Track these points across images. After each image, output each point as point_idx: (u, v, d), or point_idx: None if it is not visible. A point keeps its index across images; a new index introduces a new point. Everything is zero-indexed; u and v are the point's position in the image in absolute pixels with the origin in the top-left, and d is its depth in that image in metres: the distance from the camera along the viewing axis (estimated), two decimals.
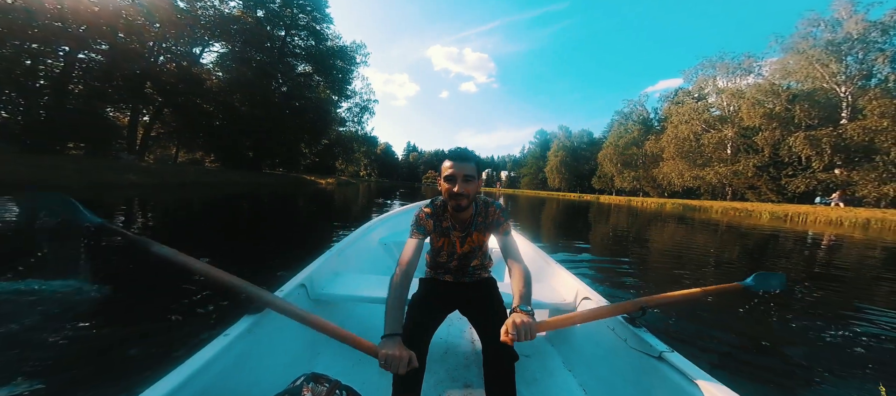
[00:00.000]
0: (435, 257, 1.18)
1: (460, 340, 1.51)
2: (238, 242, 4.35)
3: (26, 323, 1.67)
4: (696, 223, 12.10)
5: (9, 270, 2.26)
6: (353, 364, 1.26)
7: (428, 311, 1.04)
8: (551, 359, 1.38)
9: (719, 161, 31.09)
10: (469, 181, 1.01)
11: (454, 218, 1.10)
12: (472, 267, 1.17)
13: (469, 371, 1.28)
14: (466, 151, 1.03)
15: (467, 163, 1.01)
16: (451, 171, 1.00)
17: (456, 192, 0.99)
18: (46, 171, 9.92)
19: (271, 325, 1.00)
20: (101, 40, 16.58)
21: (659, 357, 0.89)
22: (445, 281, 1.17)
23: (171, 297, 2.00)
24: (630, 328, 1.02)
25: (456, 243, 1.12)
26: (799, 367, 1.79)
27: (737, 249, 6.34)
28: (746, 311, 2.70)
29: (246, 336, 0.89)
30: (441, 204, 1.12)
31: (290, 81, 27.81)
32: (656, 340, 0.94)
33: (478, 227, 1.11)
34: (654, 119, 46.27)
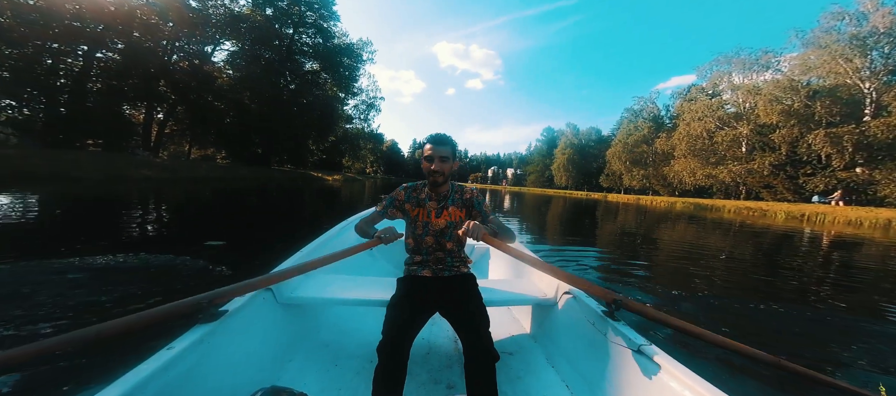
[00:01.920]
0: (413, 232, 1.22)
1: (442, 341, 1.47)
2: (246, 231, 4.45)
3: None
4: (708, 222, 11.82)
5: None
6: (327, 368, 1.20)
7: (408, 313, 1.02)
8: (534, 356, 1.36)
9: (733, 159, 30.16)
10: (445, 161, 1.16)
11: (432, 190, 1.23)
12: (450, 254, 1.20)
13: (452, 372, 1.26)
14: (444, 136, 1.19)
15: (444, 147, 1.16)
16: (430, 152, 1.16)
17: (433, 169, 1.15)
18: (66, 166, 10.31)
19: (231, 333, 0.89)
20: (117, 39, 17.06)
21: (638, 350, 0.89)
22: (424, 276, 1.17)
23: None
24: (608, 321, 1.02)
25: (432, 213, 1.21)
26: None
27: (749, 248, 6.17)
28: (738, 311, 2.64)
29: (197, 347, 0.78)
30: (420, 182, 1.28)
31: (298, 79, 28.12)
32: (634, 334, 0.94)
33: (455, 202, 1.24)
34: (665, 116, 45.18)
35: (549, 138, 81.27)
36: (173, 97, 20.93)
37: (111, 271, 2.47)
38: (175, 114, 22.47)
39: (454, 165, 1.19)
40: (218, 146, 26.33)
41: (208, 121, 22.45)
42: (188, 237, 4.11)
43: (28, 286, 2.09)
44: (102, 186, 8.94)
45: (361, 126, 38.69)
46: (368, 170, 68.64)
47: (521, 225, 7.79)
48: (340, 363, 1.24)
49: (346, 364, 1.23)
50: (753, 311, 2.64)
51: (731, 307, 2.72)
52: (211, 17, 21.62)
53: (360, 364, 1.23)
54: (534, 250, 1.95)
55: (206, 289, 0.86)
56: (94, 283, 2.22)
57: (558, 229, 7.68)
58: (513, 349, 1.39)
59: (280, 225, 5.41)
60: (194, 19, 20.07)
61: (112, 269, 2.50)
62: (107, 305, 1.91)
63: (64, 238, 3.62)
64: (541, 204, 17.56)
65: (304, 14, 26.69)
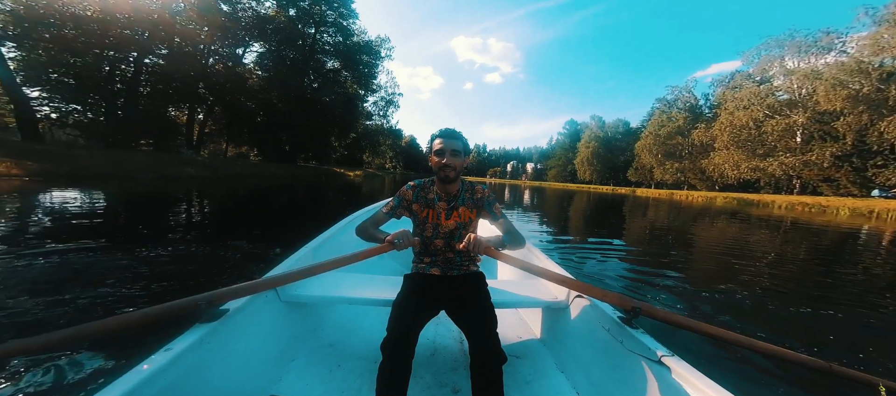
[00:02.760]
0: (421, 233, 1.17)
1: (448, 341, 1.43)
2: (280, 225, 4.72)
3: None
4: (753, 220, 10.74)
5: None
6: (330, 369, 1.17)
7: (414, 310, 0.99)
8: (543, 360, 1.31)
9: (786, 150, 27.11)
10: (456, 155, 1.10)
11: (441, 189, 1.16)
12: (459, 256, 1.16)
13: (457, 374, 1.22)
14: (454, 131, 1.13)
15: (455, 141, 1.11)
16: (441, 146, 1.10)
17: (444, 163, 1.09)
18: (124, 165, 11.51)
19: (232, 332, 0.87)
20: (161, 45, 18.63)
21: (658, 361, 0.82)
22: (432, 274, 1.14)
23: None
24: (626, 329, 0.95)
25: (441, 214, 1.15)
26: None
27: (803, 249, 5.53)
28: (785, 316, 2.36)
29: (197, 347, 0.75)
30: (428, 180, 1.21)
31: (320, 78, 29.10)
32: (655, 343, 0.87)
33: (465, 202, 1.18)
34: (703, 106, 41.91)
35: (572, 131, 78.20)
36: (211, 99, 22.57)
37: (174, 259, 2.71)
38: (213, 114, 24.24)
39: (466, 161, 1.13)
40: (250, 144, 28.13)
41: (241, 120, 24.00)
42: (233, 231, 4.43)
43: (99, 269, 2.36)
44: (154, 184, 9.89)
45: (380, 122, 39.40)
46: (388, 165, 70.05)
47: (542, 221, 7.57)
48: (344, 364, 1.21)
49: (349, 366, 1.20)
50: (805, 316, 2.37)
51: (777, 311, 2.46)
52: (240, 20, 22.87)
53: (364, 366, 1.20)
54: (549, 247, 1.86)
55: (210, 288, 0.86)
56: (148, 272, 2.45)
57: (580, 226, 7.36)
58: (521, 352, 1.35)
59: (308, 219, 5.68)
60: (226, 23, 21.34)
61: (174, 258, 2.75)
62: (156, 291, 2.10)
63: (130, 229, 4.03)
64: (563, 200, 16.94)
65: (324, 13, 27.43)
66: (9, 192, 6.06)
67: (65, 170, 9.39)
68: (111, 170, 10.66)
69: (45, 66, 14.51)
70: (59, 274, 2.23)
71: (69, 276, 2.20)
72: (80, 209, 5.04)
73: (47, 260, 2.49)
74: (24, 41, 13.61)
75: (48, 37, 13.78)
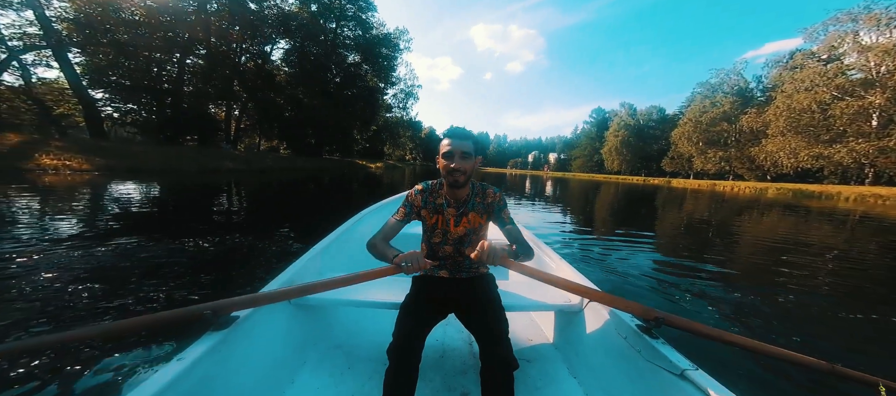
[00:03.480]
0: (429, 240, 1.14)
1: (458, 343, 1.40)
2: (311, 215, 4.99)
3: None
4: (812, 213, 9.55)
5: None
6: (341, 371, 1.18)
7: (421, 314, 0.97)
8: (555, 365, 1.26)
9: (858, 135, 23.58)
10: (466, 158, 1.02)
11: (450, 194, 1.09)
12: (468, 258, 1.10)
13: (466, 378, 1.20)
14: (464, 130, 1.05)
15: (465, 142, 1.03)
16: (450, 148, 1.02)
17: (453, 168, 1.01)
18: (173, 160, 12.71)
19: (243, 338, 0.88)
20: (199, 46, 20.05)
21: (681, 374, 0.77)
22: (440, 277, 1.12)
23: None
24: (645, 338, 0.90)
25: (450, 221, 1.10)
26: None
27: (874, 246, 4.82)
28: (846, 324, 2.07)
29: (209, 356, 0.76)
30: (436, 182, 1.14)
31: (342, 72, 29.79)
32: (678, 355, 0.82)
33: (475, 207, 1.11)
34: (755, 89, 37.39)
35: (600, 119, 73.88)
36: (245, 95, 24.04)
37: (221, 249, 2.98)
38: (247, 110, 25.86)
39: (477, 162, 1.06)
40: (280, 138, 29.74)
41: (272, 116, 25.38)
42: (271, 221, 4.75)
43: (153, 259, 2.65)
44: (198, 177, 10.84)
45: (400, 115, 39.72)
46: (408, 156, 70.97)
47: (564, 212, 7.29)
48: (354, 365, 1.22)
49: (359, 367, 1.21)
50: (867, 326, 2.07)
51: (837, 319, 2.19)
52: (266, 18, 23.88)
53: (374, 367, 1.21)
54: (569, 240, 1.75)
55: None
56: (195, 262, 2.70)
57: (605, 219, 7.00)
58: (532, 356, 1.31)
59: (335, 209, 5.95)
60: (254, 21, 22.40)
61: (220, 248, 3.03)
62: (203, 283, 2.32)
63: (182, 219, 4.47)
64: (588, 191, 16.17)
65: (344, 7, 27.81)
66: (82, 185, 6.95)
67: (125, 166, 10.57)
68: (162, 165, 11.82)
69: (105, 69, 16.25)
70: (114, 262, 2.46)
71: (124, 266, 2.43)
72: (138, 201, 5.67)
73: (106, 248, 2.77)
74: (86, 47, 15.27)
75: (106, 42, 15.34)
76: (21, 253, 2.54)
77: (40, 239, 2.93)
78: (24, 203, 4.64)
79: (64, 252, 2.61)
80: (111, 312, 1.73)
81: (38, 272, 2.20)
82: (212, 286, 2.13)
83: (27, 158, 8.68)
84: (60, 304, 1.79)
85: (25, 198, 4.97)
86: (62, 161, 9.15)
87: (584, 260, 3.36)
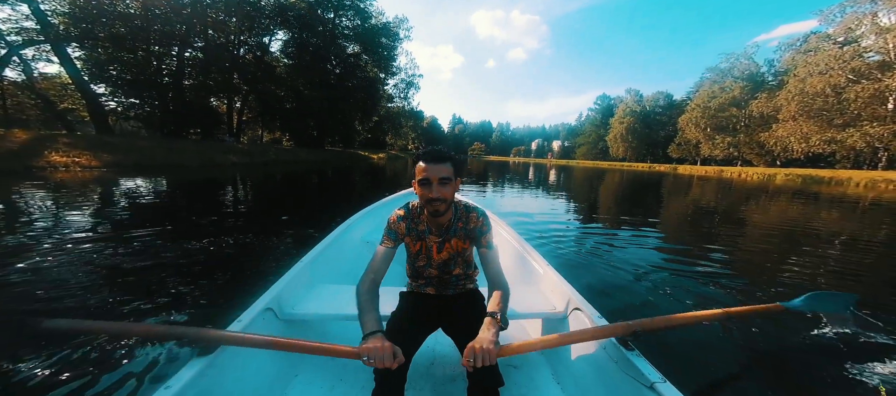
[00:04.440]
0: (413, 263, 1.11)
1: (446, 349, 1.39)
2: (316, 208, 5.07)
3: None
4: (821, 199, 9.41)
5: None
6: (333, 384, 1.16)
7: (409, 330, 0.96)
8: (539, 371, 1.29)
9: (873, 119, 22.89)
10: (445, 183, 0.94)
11: (431, 222, 1.03)
12: (454, 276, 1.11)
13: (455, 385, 1.20)
14: (441, 151, 0.95)
15: (442, 164, 0.93)
16: (425, 175, 0.92)
17: (431, 198, 0.93)
18: (177, 155, 12.82)
19: (229, 363, 0.87)
20: (197, 38, 19.83)
21: (650, 386, 0.81)
22: (427, 293, 1.11)
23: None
24: (621, 350, 0.93)
25: (433, 248, 1.06)
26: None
27: (883, 232, 4.77)
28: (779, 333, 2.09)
29: (196, 383, 0.75)
30: (417, 206, 1.07)
31: (342, 63, 29.35)
32: (650, 368, 0.86)
33: (457, 233, 1.05)
34: (765, 73, 36.25)
35: (605, 106, 72.53)
36: (245, 88, 23.91)
37: (232, 246, 3.06)
38: (248, 103, 25.78)
39: (457, 184, 0.99)
40: (282, 130, 29.73)
41: (273, 108, 25.28)
42: (277, 215, 4.82)
43: (163, 256, 2.73)
44: (203, 171, 10.95)
45: (402, 105, 39.30)
46: (410, 146, 70.61)
47: (563, 201, 7.28)
48: (346, 377, 1.20)
49: (352, 379, 1.19)
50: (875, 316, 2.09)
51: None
52: (263, 9, 23.41)
53: (366, 377, 1.18)
54: (562, 232, 1.73)
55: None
56: (209, 258, 2.78)
57: (605, 208, 6.97)
58: (518, 362, 1.33)
59: (339, 200, 6.01)
60: (251, 12, 22.01)
61: (233, 244, 3.11)
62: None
63: (192, 217, 4.54)
64: (591, 179, 16.03)
65: None
66: (91, 182, 7.09)
67: (132, 161, 10.71)
68: (167, 160, 11.94)
69: (105, 63, 16.20)
70: (122, 260, 2.48)
71: (138, 265, 2.46)
72: (147, 197, 5.77)
73: (121, 246, 2.82)
74: (84, 41, 15.18)
75: (103, 36, 15.24)
76: (44, 249, 2.64)
77: (62, 235, 3.04)
78: (41, 201, 4.76)
79: (84, 248, 2.70)
80: (132, 310, 1.80)
81: (57, 266, 2.30)
82: (215, 288, 2.12)
83: (37, 156, 8.83)
84: (74, 297, 1.88)
85: (41, 196, 5.09)
86: (71, 158, 9.29)
87: (576, 252, 3.29)
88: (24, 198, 4.79)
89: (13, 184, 5.90)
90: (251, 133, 30.76)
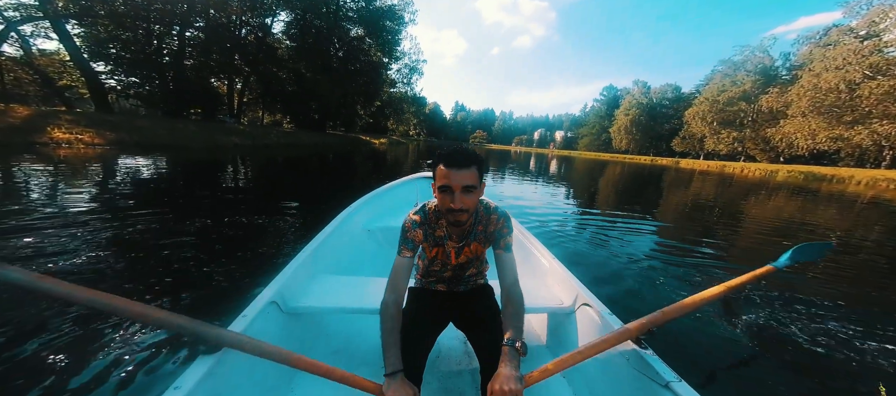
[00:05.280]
0: (427, 266, 1.07)
1: (452, 343, 1.39)
2: (320, 192, 5.15)
3: None
4: (821, 196, 9.43)
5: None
6: (339, 386, 1.22)
7: (421, 329, 0.92)
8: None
9: (883, 117, 22.52)
10: (470, 191, 0.83)
11: (451, 229, 0.97)
12: (468, 275, 1.09)
13: (462, 379, 1.18)
14: (466, 152, 0.84)
15: (467, 170, 0.82)
16: (447, 182, 0.82)
17: (453, 208, 0.83)
18: (179, 135, 12.80)
19: (238, 360, 0.85)
20: (198, 18, 19.36)
21: (666, 385, 0.79)
22: (437, 289, 1.09)
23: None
24: (635, 349, 0.91)
25: (451, 253, 1.01)
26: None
27: (877, 232, 4.83)
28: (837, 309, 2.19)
29: (205, 382, 0.75)
30: (433, 210, 0.98)
31: (345, 46, 28.67)
32: (664, 366, 0.84)
33: (477, 237, 0.99)
34: (780, 67, 35.16)
35: (611, 97, 71.46)
36: (247, 69, 23.53)
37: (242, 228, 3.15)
38: (249, 84, 25.43)
39: (481, 190, 0.89)
40: (283, 113, 29.44)
41: (274, 90, 24.95)
42: (281, 199, 4.87)
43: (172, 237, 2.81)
44: (205, 152, 10.96)
45: (404, 90, 38.66)
46: (412, 132, 69.95)
47: (564, 194, 7.34)
48: (354, 371, 1.19)
49: (360, 373, 1.17)
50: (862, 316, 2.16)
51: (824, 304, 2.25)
52: None
53: (373, 372, 1.17)
54: (563, 227, 1.74)
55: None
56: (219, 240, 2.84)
57: (604, 202, 7.03)
58: (526, 357, 1.33)
59: (341, 185, 6.08)
60: None
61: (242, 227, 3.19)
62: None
63: (201, 198, 4.56)
64: (591, 171, 15.99)
65: None
66: (93, 159, 7.14)
67: (135, 140, 10.71)
68: (170, 140, 11.93)
69: (104, 41, 15.93)
70: (127, 238, 2.51)
71: (136, 242, 2.49)
72: (152, 177, 5.84)
73: (123, 224, 2.85)
74: (83, 18, 14.87)
75: (103, 13, 14.91)
76: (43, 223, 2.71)
77: (63, 209, 3.11)
78: (44, 177, 4.83)
79: (86, 222, 2.76)
80: (133, 291, 1.74)
81: (56, 236, 2.37)
82: (218, 271, 2.07)
83: (40, 132, 8.85)
84: (71, 267, 1.94)
85: (45, 170, 5.16)
86: (74, 135, 9.31)
87: (580, 244, 3.28)
88: (25, 174, 4.84)
89: (14, 159, 5.95)
90: (252, 114, 30.46)
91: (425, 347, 0.90)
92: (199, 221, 3.01)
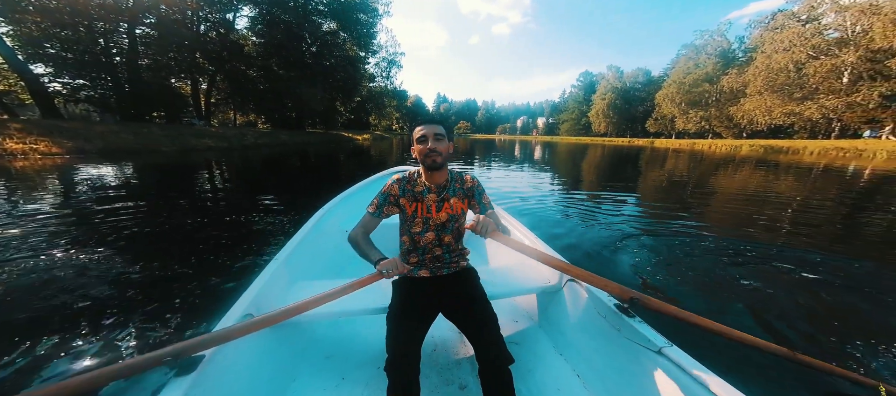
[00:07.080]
0: (408, 229, 1.11)
1: (447, 334, 1.37)
2: (304, 192, 5.03)
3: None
4: (780, 167, 10.32)
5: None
6: (336, 383, 1.10)
7: (411, 322, 0.95)
8: (541, 345, 1.29)
9: (829, 92, 24.86)
10: (440, 139, 1.03)
11: (429, 179, 1.09)
12: (448, 250, 1.11)
13: (461, 369, 1.18)
14: (435, 115, 1.11)
15: (437, 125, 1.05)
16: (423, 132, 1.04)
17: (430, 148, 1.02)
18: (145, 139, 11.91)
19: (218, 379, 0.78)
20: (148, 14, 17.76)
21: (658, 351, 0.82)
22: (422, 277, 1.10)
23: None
24: (623, 318, 0.94)
25: (432, 207, 1.08)
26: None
27: (830, 196, 5.42)
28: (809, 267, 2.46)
29: None
30: (414, 172, 1.14)
31: (318, 41, 27.43)
32: (654, 332, 0.87)
33: (456, 193, 1.12)
34: (736, 50, 38.20)
35: (587, 83, 73.65)
36: (211, 68, 22.02)
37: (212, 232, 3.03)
38: (216, 83, 23.86)
39: (450, 147, 1.07)
40: (257, 112, 27.97)
41: (245, 89, 23.58)
42: (262, 199, 4.73)
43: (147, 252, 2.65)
44: (178, 156, 10.30)
45: (384, 84, 37.76)
46: (395, 126, 68.69)
47: (550, 176, 7.59)
48: (348, 376, 1.14)
49: (354, 377, 1.13)
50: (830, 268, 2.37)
51: (803, 260, 2.44)
52: None
53: (369, 374, 1.14)
54: (549, 205, 1.65)
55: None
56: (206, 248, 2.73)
57: (588, 181, 7.35)
58: (519, 339, 1.33)
59: (326, 183, 5.96)
60: None
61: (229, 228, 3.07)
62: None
63: (181, 206, 4.28)
64: (574, 154, 16.54)
65: None
66: (53, 170, 6.54)
67: (97, 147, 9.88)
68: (137, 145, 11.10)
69: (39, 40, 14.29)
70: (100, 263, 2.23)
71: (107, 256, 2.37)
72: (119, 184, 5.44)
73: (94, 248, 2.56)
74: (8, 15, 13.26)
75: (32, 9, 13.33)
76: None
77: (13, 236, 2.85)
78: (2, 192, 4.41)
79: (44, 251, 2.31)
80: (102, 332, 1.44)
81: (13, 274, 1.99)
82: (193, 290, 1.82)
83: None
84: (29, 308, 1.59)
85: (3, 186, 4.69)
86: (28, 145, 8.46)
87: (560, 225, 3.33)
88: None
89: None
90: (222, 115, 28.73)
91: (418, 338, 0.92)
92: (173, 228, 2.84)
